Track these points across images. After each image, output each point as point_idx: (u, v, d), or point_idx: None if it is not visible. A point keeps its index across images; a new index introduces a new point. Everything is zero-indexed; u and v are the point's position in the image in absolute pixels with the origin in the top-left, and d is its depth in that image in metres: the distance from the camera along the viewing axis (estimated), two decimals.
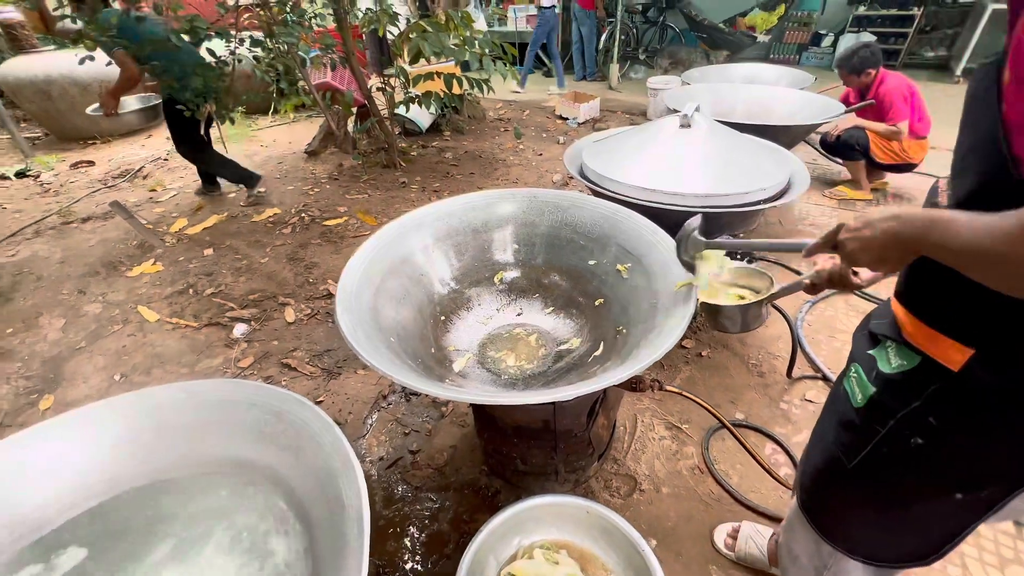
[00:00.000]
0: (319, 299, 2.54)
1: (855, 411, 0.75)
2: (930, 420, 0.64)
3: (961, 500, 0.67)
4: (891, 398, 0.69)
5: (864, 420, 0.73)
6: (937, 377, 0.63)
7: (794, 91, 3.22)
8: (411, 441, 1.77)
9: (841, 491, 0.81)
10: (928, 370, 0.65)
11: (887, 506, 0.75)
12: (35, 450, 0.95)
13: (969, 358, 0.59)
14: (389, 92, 3.98)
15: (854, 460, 0.75)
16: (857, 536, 0.82)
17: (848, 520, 0.83)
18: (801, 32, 6.94)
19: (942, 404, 0.63)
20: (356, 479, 0.83)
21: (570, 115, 5.21)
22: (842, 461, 0.77)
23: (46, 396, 2.02)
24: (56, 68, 4.62)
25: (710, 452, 1.67)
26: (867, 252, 0.65)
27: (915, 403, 0.65)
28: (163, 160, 4.49)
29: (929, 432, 0.65)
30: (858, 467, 0.75)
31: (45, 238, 3.20)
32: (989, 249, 0.48)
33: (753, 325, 1.30)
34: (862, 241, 0.65)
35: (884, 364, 0.71)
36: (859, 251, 0.66)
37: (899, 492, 0.73)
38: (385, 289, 1.34)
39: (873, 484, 0.75)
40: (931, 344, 0.64)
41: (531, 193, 1.61)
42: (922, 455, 0.67)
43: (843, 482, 0.79)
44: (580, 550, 1.17)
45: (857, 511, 0.80)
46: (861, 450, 0.73)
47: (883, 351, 0.73)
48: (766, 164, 1.85)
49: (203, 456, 1.03)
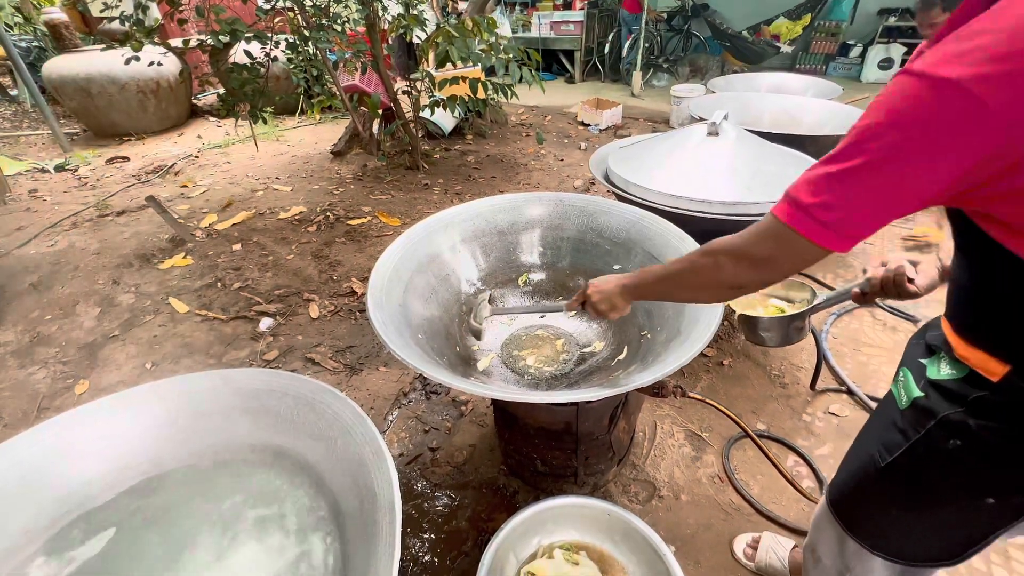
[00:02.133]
0: (342, 296, 2.59)
1: (899, 412, 0.77)
2: (969, 423, 0.66)
3: (992, 505, 0.68)
4: (935, 401, 0.71)
5: (906, 421, 0.75)
6: (980, 387, 0.66)
7: (821, 101, 3.19)
8: (431, 439, 1.79)
9: (873, 489, 0.83)
10: (973, 380, 0.67)
11: (917, 505, 0.77)
12: (83, 429, 0.99)
13: (1008, 371, 0.62)
14: (415, 95, 4.05)
15: (889, 458, 0.77)
16: (883, 533, 0.84)
17: (876, 517, 0.84)
18: (828, 42, 6.86)
19: (983, 410, 0.65)
20: (388, 469, 0.85)
21: (592, 121, 5.22)
22: (876, 460, 0.79)
23: (81, 381, 2.09)
24: (96, 67, 4.80)
25: (731, 461, 1.66)
26: (604, 302, 0.99)
27: (957, 407, 0.68)
28: (194, 157, 4.63)
29: (968, 435, 0.66)
30: (892, 465, 0.76)
31: (82, 230, 3.32)
32: (673, 271, 0.82)
33: (795, 339, 1.26)
34: (602, 294, 0.99)
35: (934, 372, 0.74)
36: (600, 302, 1.00)
37: (932, 492, 0.74)
38: (413, 287, 1.37)
39: (905, 483, 0.77)
40: (974, 359, 0.67)
41: (558, 197, 1.63)
42: (958, 457, 0.68)
43: (876, 480, 0.81)
44: (600, 552, 1.18)
45: (887, 509, 0.82)
46: (896, 449, 0.75)
47: (936, 361, 0.75)
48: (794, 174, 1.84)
49: (237, 442, 1.06)
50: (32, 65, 5.40)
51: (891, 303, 2.36)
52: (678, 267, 0.81)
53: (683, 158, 1.86)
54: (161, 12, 5.06)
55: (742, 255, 0.69)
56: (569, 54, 7.38)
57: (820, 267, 2.70)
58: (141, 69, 4.64)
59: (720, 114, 1.88)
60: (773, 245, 0.65)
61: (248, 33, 2.94)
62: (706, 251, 0.75)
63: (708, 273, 0.75)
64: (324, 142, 4.89)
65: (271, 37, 3.31)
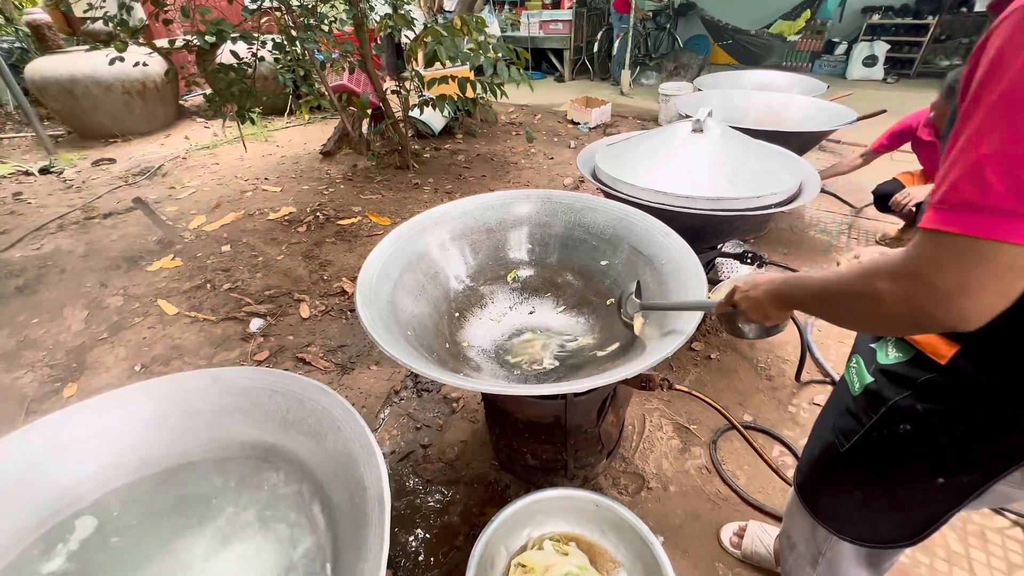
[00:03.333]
0: (333, 296, 2.59)
1: (852, 399, 0.80)
2: (918, 408, 0.69)
3: (943, 484, 0.71)
4: (886, 387, 0.74)
5: (860, 407, 0.78)
6: (927, 369, 0.68)
7: (806, 98, 3.23)
8: (422, 436, 1.80)
9: (834, 474, 0.86)
10: (920, 363, 0.70)
11: (875, 489, 0.79)
12: (72, 429, 0.99)
13: (955, 353, 0.64)
14: (404, 95, 4.05)
15: (847, 444, 0.79)
16: (847, 518, 0.86)
17: (839, 502, 0.87)
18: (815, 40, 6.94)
19: (930, 394, 0.68)
20: (377, 463, 0.86)
21: (581, 120, 5.25)
22: (836, 446, 0.82)
23: (70, 384, 2.08)
24: (80, 68, 4.75)
25: (718, 453, 1.69)
26: (756, 310, 0.82)
27: (906, 392, 0.70)
28: (182, 158, 4.59)
29: (916, 419, 0.69)
30: (850, 451, 0.79)
31: (68, 232, 3.29)
32: (830, 292, 0.64)
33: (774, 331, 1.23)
34: (751, 301, 0.83)
35: (883, 356, 0.76)
36: (750, 309, 0.84)
37: (887, 475, 0.77)
38: (403, 284, 1.38)
39: (863, 468, 0.79)
40: (924, 340, 0.69)
41: (545, 194, 1.65)
42: (908, 440, 0.71)
43: (837, 466, 0.84)
44: (589, 543, 1.20)
45: (848, 494, 0.84)
46: (854, 435, 0.78)
47: (884, 344, 0.78)
48: (778, 169, 1.87)
49: (228, 440, 1.07)
50: (14, 66, 5.31)
51: None
52: (835, 287, 0.63)
53: (669, 155, 1.88)
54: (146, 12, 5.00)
55: (916, 284, 0.51)
56: (558, 53, 7.41)
57: (806, 259, 2.74)
58: (126, 70, 4.59)
59: (704, 111, 1.91)
60: (958, 267, 0.48)
61: (234, 33, 2.92)
62: (864, 273, 0.58)
63: (866, 305, 0.58)
64: (313, 142, 4.88)
65: (257, 37, 3.29)
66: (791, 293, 0.74)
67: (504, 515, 1.17)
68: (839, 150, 4.32)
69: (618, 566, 1.16)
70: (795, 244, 2.94)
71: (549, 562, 1.14)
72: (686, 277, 1.23)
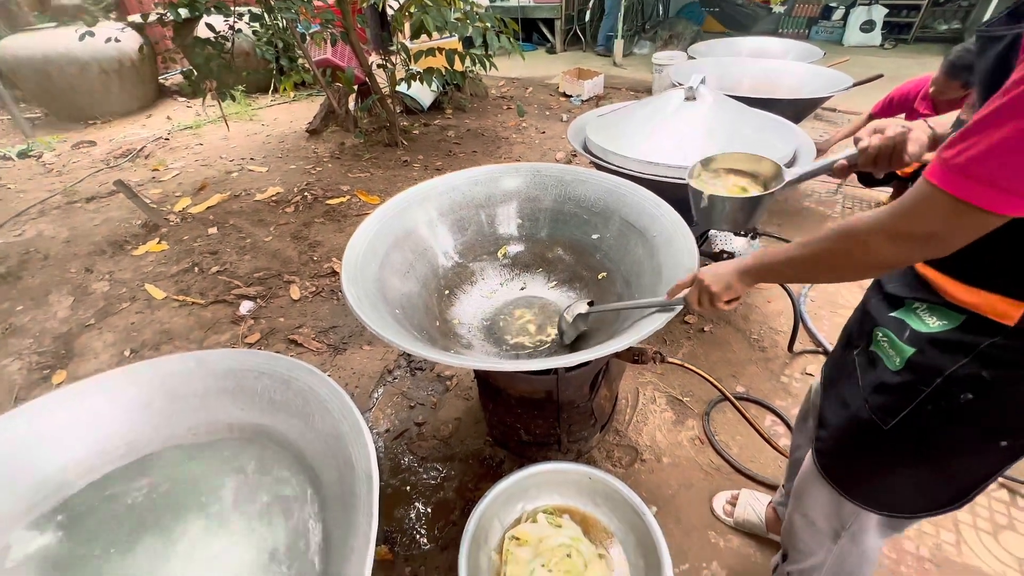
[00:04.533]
0: (324, 277, 2.56)
1: (893, 373, 0.74)
2: (983, 375, 0.64)
3: (1004, 447, 0.69)
4: (936, 358, 0.69)
5: (905, 382, 0.73)
6: (987, 333, 0.64)
7: (801, 64, 3.16)
8: (416, 414, 1.80)
9: (874, 453, 0.81)
10: (975, 328, 0.65)
11: (925, 461, 0.76)
12: (55, 416, 0.98)
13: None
14: (390, 69, 3.93)
15: (892, 421, 0.74)
16: (887, 492, 0.83)
17: (878, 478, 0.82)
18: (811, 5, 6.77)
19: (995, 359, 0.64)
20: (365, 442, 0.85)
21: (574, 92, 5.14)
22: (876, 423, 0.77)
23: (58, 371, 2.06)
24: (53, 47, 4.57)
25: (711, 424, 1.70)
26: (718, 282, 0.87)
27: (962, 359, 0.66)
28: (164, 140, 4.47)
29: (980, 386, 0.65)
30: (897, 427, 0.74)
31: (50, 218, 3.22)
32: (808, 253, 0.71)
33: (752, 222, 1.08)
34: (716, 276, 0.88)
35: (919, 324, 0.71)
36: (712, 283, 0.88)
37: (940, 446, 0.73)
38: (390, 262, 1.35)
39: (911, 442, 0.75)
40: (978, 302, 0.64)
41: (534, 168, 1.61)
42: (972, 409, 0.67)
43: (877, 444, 0.79)
44: (582, 514, 1.21)
45: (890, 469, 0.80)
46: (901, 411, 0.73)
47: (910, 313, 0.73)
48: (771, 137, 1.83)
49: (215, 423, 1.05)
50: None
51: None
52: (814, 249, 0.70)
53: (661, 124, 1.84)
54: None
55: (898, 234, 0.60)
56: (549, 23, 7.19)
57: (801, 230, 2.72)
58: (101, 48, 4.43)
59: (697, 78, 1.86)
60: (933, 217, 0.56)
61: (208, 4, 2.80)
62: (848, 233, 0.65)
63: (856, 255, 0.65)
64: (299, 120, 4.75)
65: (234, 9, 3.16)
66: (759, 265, 0.82)
67: (498, 489, 1.17)
68: (835, 119, 4.25)
69: (611, 536, 1.17)
70: (789, 215, 2.91)
71: (543, 534, 1.15)
72: (677, 249, 1.21)
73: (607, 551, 1.15)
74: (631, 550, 1.14)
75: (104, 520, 0.92)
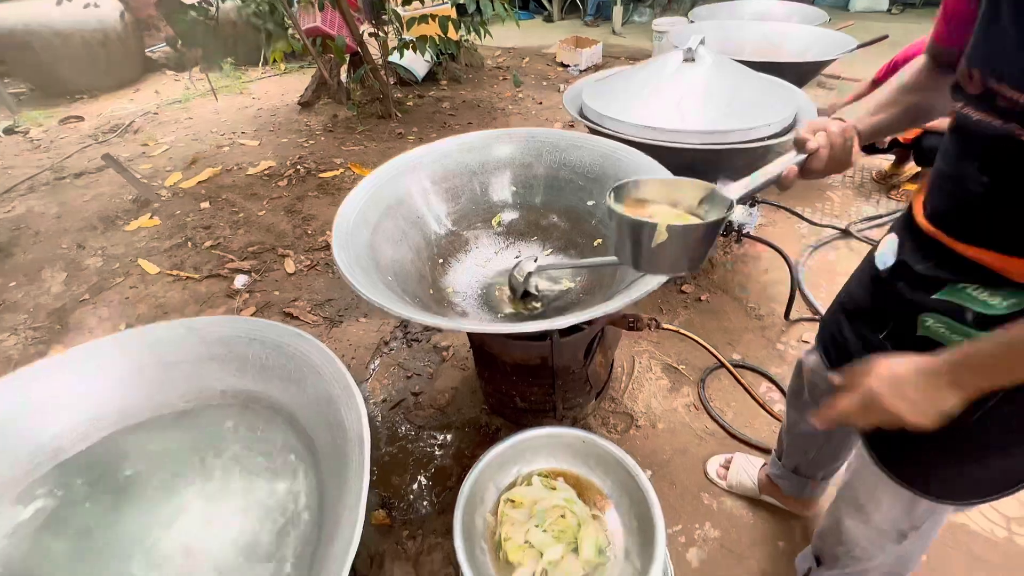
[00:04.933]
0: (318, 250, 2.53)
1: None
2: None
3: None
4: None
5: None
6: None
7: (805, 27, 3.07)
8: (413, 384, 1.81)
9: (955, 447, 0.74)
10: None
11: (1015, 444, 0.71)
12: (46, 383, 0.98)
13: None
14: (382, 38, 3.81)
15: (977, 413, 0.66)
16: (966, 485, 0.78)
17: (958, 473, 0.77)
18: None
19: None
20: (356, 404, 0.85)
21: (571, 62, 5.01)
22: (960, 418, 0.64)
23: (54, 346, 2.06)
24: (35, 18, 4.43)
25: (706, 391, 1.70)
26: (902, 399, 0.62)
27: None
28: (153, 114, 4.38)
29: None
30: (982, 418, 0.67)
31: (39, 194, 3.17)
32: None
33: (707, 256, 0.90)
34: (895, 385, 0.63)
35: (983, 307, 0.65)
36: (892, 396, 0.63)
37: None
38: (382, 230, 1.33)
39: (1000, 427, 0.69)
40: None
41: (528, 133, 1.57)
42: None
43: (961, 438, 0.72)
44: (577, 477, 1.22)
45: (973, 460, 0.75)
46: (985, 402, 0.65)
47: (960, 294, 0.67)
48: (772, 100, 1.78)
49: (207, 389, 1.05)
50: None
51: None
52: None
53: (659, 88, 1.78)
54: None
55: None
56: None
57: (800, 199, 2.69)
58: (82, 17, 4.30)
59: (696, 39, 1.80)
60: None
61: None
62: None
63: None
64: (291, 93, 4.64)
65: None
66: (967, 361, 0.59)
67: (492, 453, 1.18)
68: (839, 86, 4.16)
69: (605, 498, 1.19)
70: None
71: (538, 496, 1.16)
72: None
73: (601, 513, 1.16)
74: (625, 511, 1.15)
75: (98, 485, 0.93)
